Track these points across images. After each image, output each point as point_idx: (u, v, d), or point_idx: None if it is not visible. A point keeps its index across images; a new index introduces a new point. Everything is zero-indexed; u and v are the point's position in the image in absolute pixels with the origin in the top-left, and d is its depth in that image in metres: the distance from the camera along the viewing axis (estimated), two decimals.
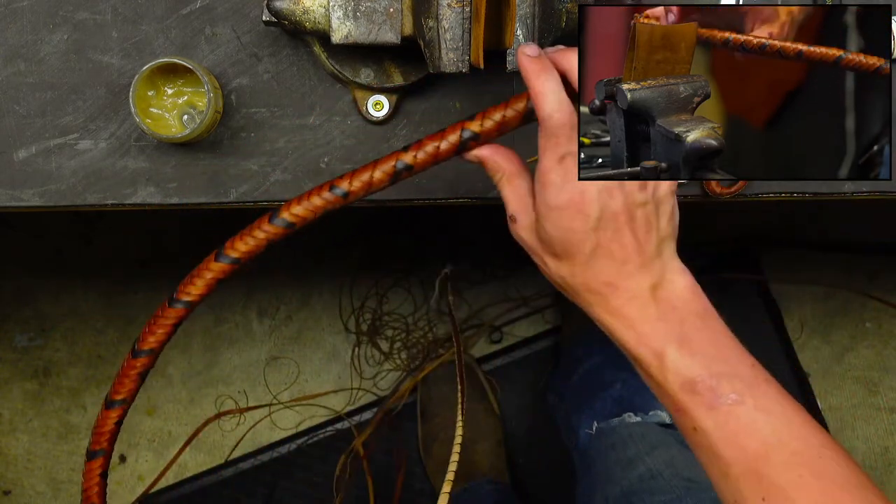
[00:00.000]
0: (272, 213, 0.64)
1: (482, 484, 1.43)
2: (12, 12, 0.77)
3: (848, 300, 1.62)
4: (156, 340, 0.65)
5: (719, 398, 0.57)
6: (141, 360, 0.65)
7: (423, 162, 0.63)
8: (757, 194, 0.82)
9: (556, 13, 0.68)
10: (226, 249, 0.64)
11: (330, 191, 0.62)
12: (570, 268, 0.61)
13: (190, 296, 0.64)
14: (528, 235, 0.63)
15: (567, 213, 0.60)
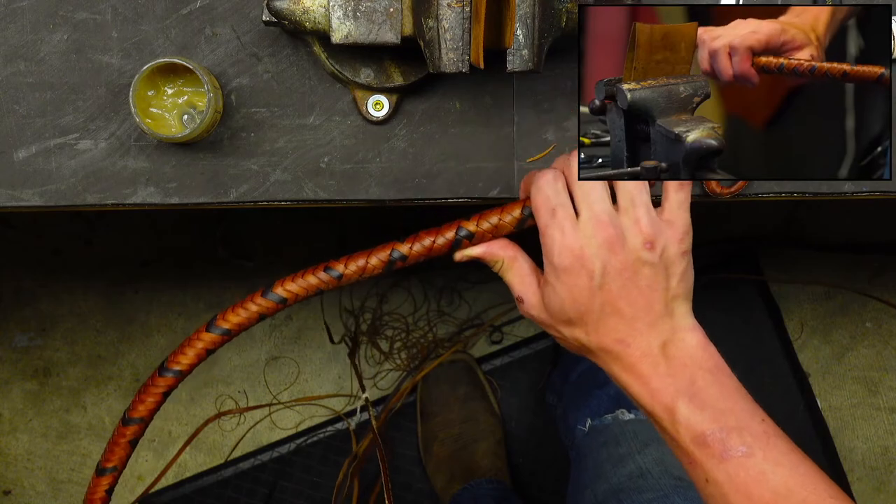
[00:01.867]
0: (265, 289, 0.67)
1: (482, 483, 1.43)
2: (12, 12, 0.77)
3: (848, 300, 1.62)
4: (146, 409, 0.67)
5: (729, 451, 0.59)
6: (131, 428, 0.67)
7: (418, 254, 0.67)
8: (757, 194, 0.82)
9: (556, 13, 0.68)
10: (217, 321, 0.66)
11: (325, 272, 0.66)
12: (583, 330, 0.64)
13: (180, 365, 0.66)
14: (537, 312, 0.67)
15: (572, 271, 0.62)
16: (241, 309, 0.66)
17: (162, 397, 0.66)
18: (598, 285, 0.62)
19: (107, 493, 0.68)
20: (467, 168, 0.80)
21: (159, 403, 0.67)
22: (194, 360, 0.66)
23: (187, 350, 0.66)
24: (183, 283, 1.64)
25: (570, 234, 0.62)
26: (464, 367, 1.52)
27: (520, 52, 0.67)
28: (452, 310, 1.62)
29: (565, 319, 0.64)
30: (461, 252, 0.69)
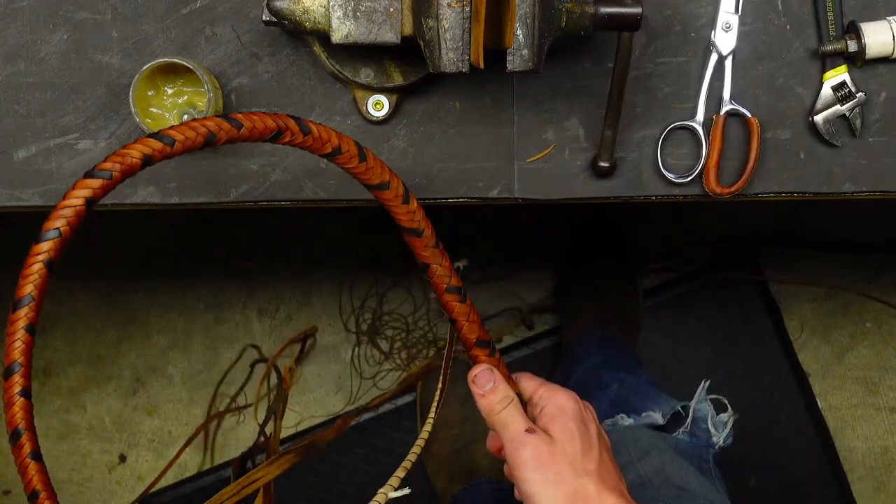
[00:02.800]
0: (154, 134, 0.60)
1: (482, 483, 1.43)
2: (12, 12, 0.77)
3: (848, 300, 1.62)
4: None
5: None
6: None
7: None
8: (757, 194, 0.82)
9: (556, 13, 0.68)
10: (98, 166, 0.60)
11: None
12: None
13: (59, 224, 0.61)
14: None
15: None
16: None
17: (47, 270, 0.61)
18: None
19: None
20: (467, 168, 0.80)
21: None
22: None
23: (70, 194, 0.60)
24: (183, 283, 1.64)
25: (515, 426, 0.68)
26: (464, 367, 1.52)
27: (520, 52, 0.67)
28: None
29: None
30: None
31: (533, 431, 0.65)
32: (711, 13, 0.80)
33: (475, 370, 0.70)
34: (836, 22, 0.79)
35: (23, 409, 0.60)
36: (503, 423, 0.66)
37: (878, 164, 0.81)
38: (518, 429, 0.66)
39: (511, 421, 0.66)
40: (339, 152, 0.63)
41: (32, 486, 0.60)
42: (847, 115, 0.80)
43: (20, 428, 0.60)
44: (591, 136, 0.80)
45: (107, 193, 0.60)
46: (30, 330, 0.59)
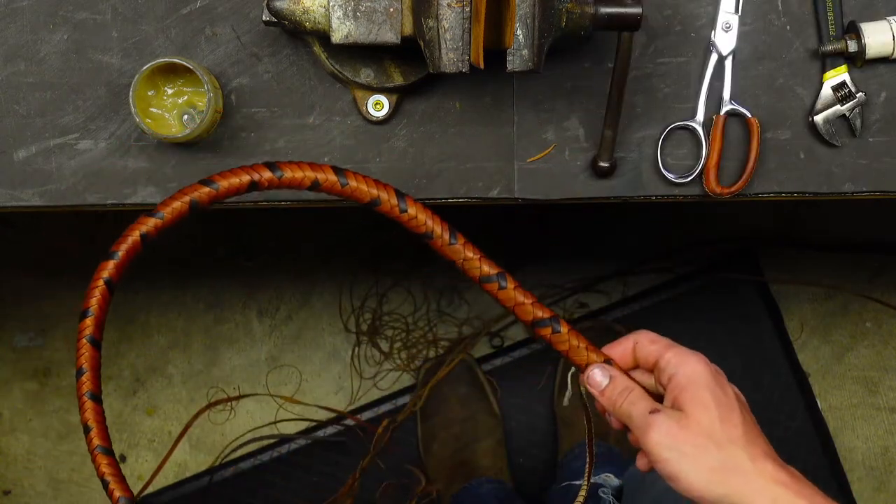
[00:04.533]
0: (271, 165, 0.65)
1: (482, 483, 1.43)
2: (12, 12, 0.77)
3: (848, 300, 1.62)
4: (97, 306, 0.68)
5: None
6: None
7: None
8: (757, 194, 0.82)
9: (556, 13, 0.68)
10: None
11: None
12: None
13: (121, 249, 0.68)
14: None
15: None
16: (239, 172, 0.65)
17: (107, 289, 0.68)
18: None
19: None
20: (467, 168, 0.80)
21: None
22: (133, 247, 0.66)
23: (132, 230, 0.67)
24: (183, 282, 1.64)
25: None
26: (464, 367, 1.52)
27: (520, 52, 0.67)
28: (452, 310, 1.62)
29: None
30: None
31: (657, 411, 0.62)
32: (711, 13, 0.80)
33: (586, 373, 0.67)
34: (836, 22, 0.79)
35: (92, 410, 0.68)
36: (627, 415, 0.63)
37: (878, 164, 0.81)
38: (641, 414, 0.62)
39: (633, 409, 0.63)
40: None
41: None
42: (847, 115, 0.80)
43: (89, 424, 0.67)
44: (591, 136, 0.80)
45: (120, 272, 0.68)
46: (93, 342, 0.69)
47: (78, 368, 0.66)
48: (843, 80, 0.79)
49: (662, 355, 0.64)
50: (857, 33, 0.78)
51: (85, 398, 0.66)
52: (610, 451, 1.40)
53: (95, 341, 0.67)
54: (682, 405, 0.61)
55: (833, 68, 0.79)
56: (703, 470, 0.59)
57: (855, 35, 0.78)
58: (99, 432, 0.65)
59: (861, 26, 0.78)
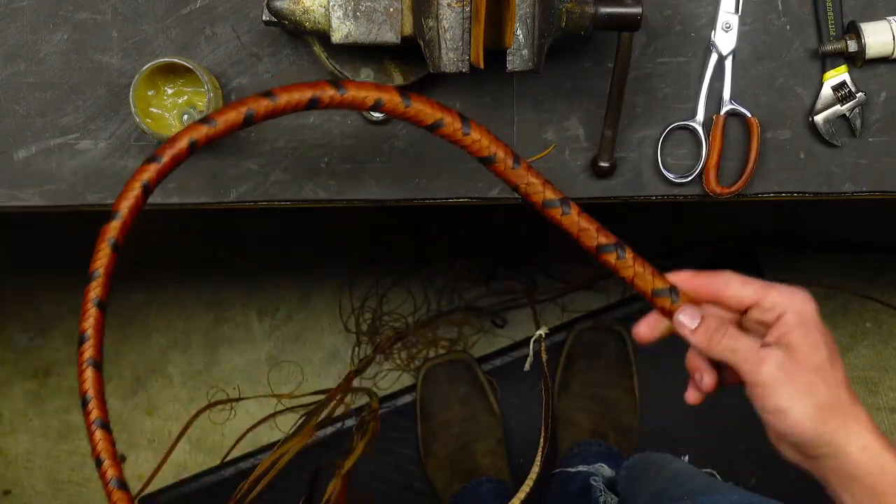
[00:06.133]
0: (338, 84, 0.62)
1: (483, 482, 1.43)
2: (12, 12, 0.77)
3: (848, 300, 1.62)
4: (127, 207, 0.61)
5: None
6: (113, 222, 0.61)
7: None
8: (757, 194, 0.82)
9: (556, 13, 0.68)
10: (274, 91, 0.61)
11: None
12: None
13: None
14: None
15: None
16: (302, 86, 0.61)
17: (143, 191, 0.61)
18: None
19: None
20: (467, 168, 0.80)
21: (140, 199, 0.61)
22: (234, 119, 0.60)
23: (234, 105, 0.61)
24: (183, 282, 1.64)
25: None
26: (464, 366, 1.52)
27: (520, 52, 0.67)
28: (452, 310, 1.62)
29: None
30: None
31: (768, 345, 0.61)
32: (711, 13, 0.80)
33: (676, 316, 0.64)
34: (836, 22, 0.79)
35: (93, 379, 0.66)
36: (731, 349, 0.61)
37: (878, 164, 0.81)
38: (751, 347, 0.61)
39: (738, 343, 0.61)
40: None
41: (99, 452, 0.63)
42: (847, 115, 0.79)
43: (88, 395, 0.66)
44: (591, 136, 0.80)
45: (161, 178, 0.61)
46: (99, 305, 0.67)
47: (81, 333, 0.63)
48: (843, 80, 0.79)
49: (765, 297, 0.63)
50: (857, 33, 0.78)
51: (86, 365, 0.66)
52: (609, 450, 1.40)
53: (102, 304, 0.65)
54: (792, 343, 0.61)
55: (833, 68, 0.79)
56: (810, 406, 0.59)
57: (855, 35, 0.78)
58: (98, 405, 0.64)
59: (861, 26, 0.78)
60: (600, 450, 1.40)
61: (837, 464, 0.60)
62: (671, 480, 1.06)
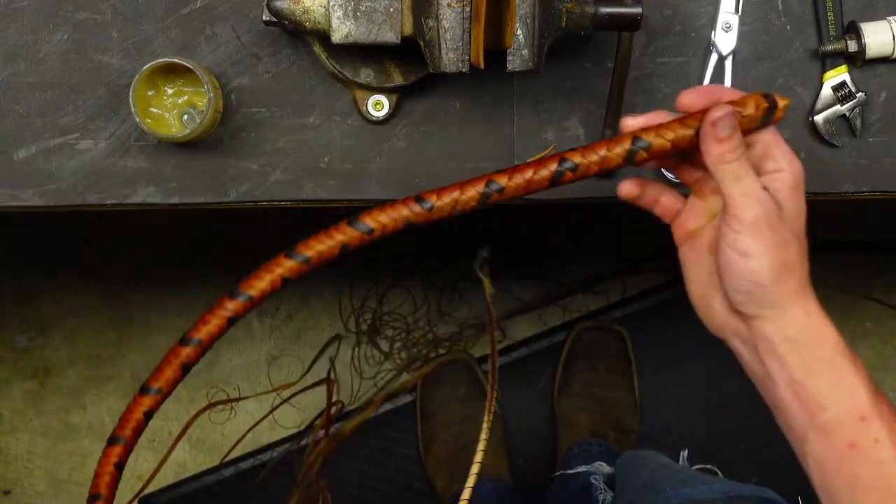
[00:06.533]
0: (352, 218, 0.62)
1: (483, 483, 1.43)
2: (12, 12, 0.77)
3: (848, 300, 1.62)
4: (207, 332, 0.61)
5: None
6: (186, 349, 0.61)
7: (517, 187, 0.61)
8: None
9: (556, 13, 0.68)
10: (298, 248, 0.62)
11: (416, 203, 0.61)
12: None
13: (253, 290, 0.61)
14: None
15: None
16: (325, 237, 0.62)
17: (227, 322, 0.61)
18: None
19: (145, 415, 0.62)
20: (467, 168, 0.80)
21: (222, 329, 0.61)
22: (268, 287, 0.61)
23: (263, 275, 0.62)
24: (183, 282, 1.64)
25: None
26: (464, 366, 1.52)
27: (520, 52, 0.67)
28: (452, 310, 1.62)
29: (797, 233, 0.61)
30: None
31: (768, 190, 0.60)
32: (711, 13, 0.80)
33: (718, 111, 0.59)
34: (836, 22, 0.79)
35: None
36: (735, 175, 0.59)
37: (878, 164, 0.81)
38: (754, 184, 0.59)
39: (746, 174, 0.59)
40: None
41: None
42: (847, 115, 0.79)
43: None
44: (591, 136, 0.80)
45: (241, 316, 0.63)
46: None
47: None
48: (843, 80, 0.79)
49: (777, 145, 0.62)
50: (857, 33, 0.78)
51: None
52: (609, 449, 1.40)
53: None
54: (784, 200, 0.60)
55: (833, 68, 0.79)
56: (776, 260, 0.59)
57: (855, 35, 0.78)
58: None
59: (861, 26, 0.78)
60: (600, 450, 1.40)
61: (777, 327, 0.60)
62: (656, 473, 1.07)
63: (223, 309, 0.61)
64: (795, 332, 0.59)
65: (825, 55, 0.79)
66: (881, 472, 0.56)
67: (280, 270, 0.62)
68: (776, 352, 0.60)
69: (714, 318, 0.64)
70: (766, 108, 0.61)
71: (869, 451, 0.56)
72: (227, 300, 0.61)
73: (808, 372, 0.59)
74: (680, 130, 0.61)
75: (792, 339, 0.59)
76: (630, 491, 1.10)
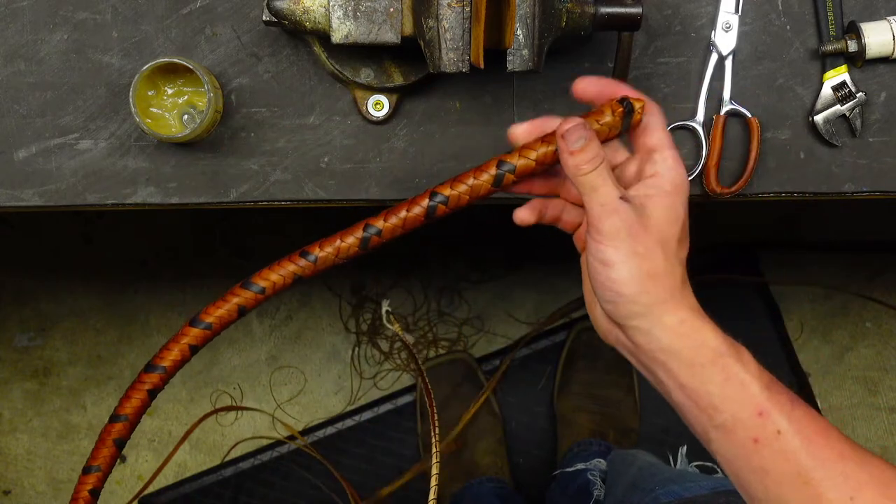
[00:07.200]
0: (245, 280, 0.65)
1: (483, 482, 1.43)
2: (12, 12, 0.77)
3: (848, 300, 1.62)
4: (131, 407, 0.64)
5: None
6: (117, 426, 0.64)
7: (393, 227, 0.63)
8: (757, 194, 0.82)
9: (556, 13, 0.68)
10: (201, 316, 0.66)
11: (301, 257, 0.65)
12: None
13: (165, 361, 0.66)
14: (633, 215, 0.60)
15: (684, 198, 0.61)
16: (221, 302, 0.65)
17: (147, 395, 0.65)
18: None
19: (90, 494, 0.65)
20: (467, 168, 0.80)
21: (145, 402, 0.65)
22: (178, 356, 0.65)
23: (172, 346, 0.66)
24: (183, 282, 1.64)
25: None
26: (464, 366, 1.53)
27: (520, 52, 0.67)
28: (452, 310, 1.62)
29: (679, 237, 0.60)
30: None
31: (626, 199, 0.59)
32: (711, 13, 0.80)
33: (566, 125, 0.60)
34: (836, 22, 0.79)
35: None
36: (591, 186, 0.59)
37: (878, 164, 0.81)
38: (610, 194, 0.58)
39: (602, 184, 0.58)
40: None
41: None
42: (847, 115, 0.80)
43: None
44: None
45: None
46: (118, 444, 0.66)
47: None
48: (843, 79, 0.79)
49: (662, 149, 0.61)
50: (857, 33, 0.78)
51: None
52: (609, 448, 1.41)
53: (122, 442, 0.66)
54: (652, 207, 0.59)
55: (833, 68, 0.79)
56: (638, 270, 0.58)
57: (855, 35, 0.78)
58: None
59: (861, 26, 0.78)
60: (600, 449, 1.40)
61: (649, 338, 0.59)
62: (643, 471, 1.08)
63: (142, 383, 0.66)
64: (669, 341, 0.58)
65: (825, 55, 0.79)
66: (788, 462, 0.56)
67: (186, 339, 0.67)
68: (657, 360, 0.59)
69: (599, 326, 0.64)
70: (622, 113, 0.61)
71: (773, 443, 0.56)
72: (143, 375, 0.67)
73: (693, 377, 0.58)
74: (541, 148, 0.61)
75: (666, 350, 0.58)
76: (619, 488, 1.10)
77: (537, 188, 0.66)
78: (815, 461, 0.55)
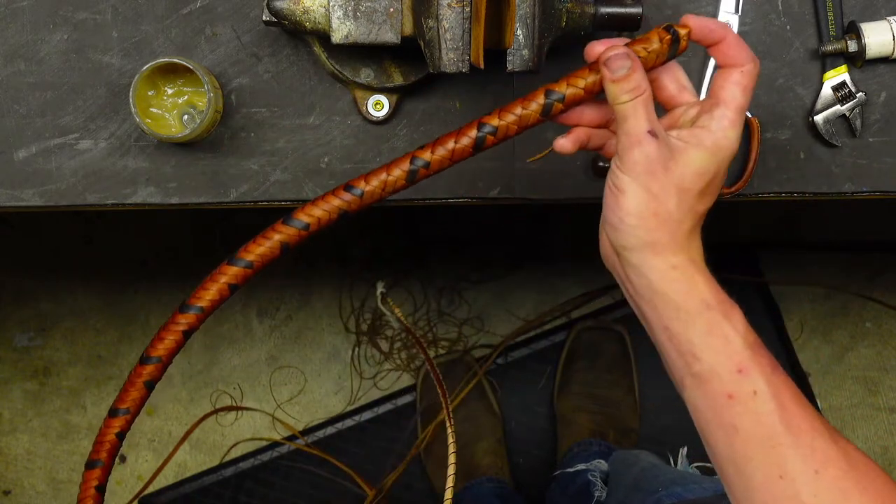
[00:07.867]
0: (286, 216, 0.62)
1: (483, 482, 1.43)
2: (12, 12, 0.77)
3: (848, 300, 1.62)
4: (164, 348, 0.62)
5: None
6: (148, 368, 0.62)
7: (441, 159, 0.61)
8: (757, 194, 0.82)
9: (556, 13, 0.68)
10: (240, 254, 0.61)
11: (346, 191, 0.61)
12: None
13: (202, 301, 0.62)
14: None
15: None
16: (262, 239, 0.61)
17: (182, 336, 0.62)
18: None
19: (117, 437, 0.63)
20: (467, 168, 0.80)
21: (179, 343, 0.62)
22: (216, 296, 0.61)
23: (209, 285, 0.62)
24: (183, 282, 1.64)
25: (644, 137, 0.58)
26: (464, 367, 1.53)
27: (520, 52, 0.67)
28: (452, 310, 1.62)
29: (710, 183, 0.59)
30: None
31: (655, 135, 0.57)
32: (711, 13, 0.80)
33: (610, 51, 0.58)
34: (836, 22, 0.79)
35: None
36: (623, 114, 0.57)
37: (878, 164, 0.81)
38: (638, 125, 0.57)
39: (633, 115, 0.57)
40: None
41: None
42: (847, 115, 0.80)
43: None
44: None
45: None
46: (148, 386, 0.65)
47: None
48: (843, 80, 0.79)
49: (727, 107, 0.59)
50: (857, 33, 0.78)
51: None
52: (609, 448, 1.41)
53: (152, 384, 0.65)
54: (684, 156, 0.58)
55: (833, 68, 0.79)
56: (649, 209, 0.58)
57: (855, 35, 0.78)
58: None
59: (861, 26, 0.78)
60: (600, 449, 1.40)
61: (638, 274, 0.59)
62: (646, 472, 1.08)
63: (177, 324, 0.62)
64: (657, 282, 0.58)
65: (825, 55, 0.79)
66: (759, 423, 0.55)
67: (225, 278, 0.62)
68: (643, 296, 0.59)
69: (603, 247, 0.63)
70: (670, 40, 0.59)
71: (748, 401, 0.56)
72: (178, 315, 0.62)
73: (677, 320, 0.58)
74: (590, 77, 0.60)
75: (654, 289, 0.58)
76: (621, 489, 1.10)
77: (587, 118, 0.64)
78: (786, 428, 0.55)
